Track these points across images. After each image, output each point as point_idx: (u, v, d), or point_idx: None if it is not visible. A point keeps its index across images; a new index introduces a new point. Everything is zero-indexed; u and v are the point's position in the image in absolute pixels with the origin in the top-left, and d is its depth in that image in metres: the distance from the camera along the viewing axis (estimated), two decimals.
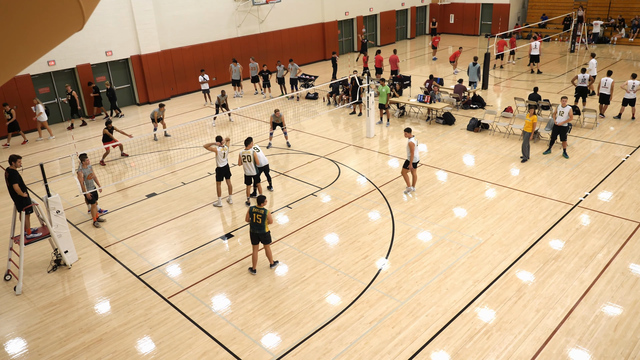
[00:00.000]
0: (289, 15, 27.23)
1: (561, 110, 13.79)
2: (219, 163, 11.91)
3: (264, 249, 9.51)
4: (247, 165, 11.83)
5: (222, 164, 11.93)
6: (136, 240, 11.00)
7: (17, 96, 18.47)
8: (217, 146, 11.79)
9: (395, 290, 8.76)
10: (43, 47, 2.02)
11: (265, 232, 9.16)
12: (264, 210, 9.01)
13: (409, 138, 11.96)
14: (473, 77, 20.16)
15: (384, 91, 17.06)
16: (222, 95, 18.11)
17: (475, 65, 20.06)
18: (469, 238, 10.26)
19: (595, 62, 18.99)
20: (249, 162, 11.79)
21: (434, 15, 36.05)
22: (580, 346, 7.26)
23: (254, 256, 9.41)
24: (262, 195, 9.11)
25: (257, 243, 9.30)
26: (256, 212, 9.03)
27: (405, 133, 12.11)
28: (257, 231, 9.15)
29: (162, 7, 22.04)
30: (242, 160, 11.84)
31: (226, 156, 11.94)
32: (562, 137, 13.90)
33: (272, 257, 9.58)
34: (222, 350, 7.65)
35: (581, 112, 16.50)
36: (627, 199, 11.47)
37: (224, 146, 11.94)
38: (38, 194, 13.40)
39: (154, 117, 17.10)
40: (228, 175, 12.16)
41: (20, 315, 8.74)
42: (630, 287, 8.47)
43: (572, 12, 30.15)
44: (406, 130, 12.11)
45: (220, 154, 11.83)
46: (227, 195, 12.48)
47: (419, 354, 7.32)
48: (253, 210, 9.05)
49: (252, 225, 9.13)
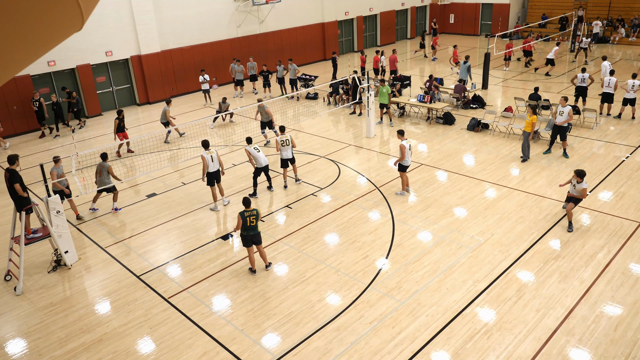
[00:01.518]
0: (289, 15, 27.23)
1: (561, 110, 13.77)
2: (210, 168, 11.75)
3: (258, 250, 9.44)
4: (283, 150, 12.68)
5: (212, 168, 11.75)
6: (136, 241, 11.00)
7: (17, 96, 18.47)
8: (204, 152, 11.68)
9: (395, 290, 8.76)
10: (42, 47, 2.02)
11: (258, 232, 9.15)
12: (255, 211, 9.00)
13: (402, 140, 11.88)
14: (463, 75, 20.25)
15: (385, 91, 17.07)
16: (224, 102, 18.07)
17: (466, 64, 20.15)
18: (469, 238, 10.26)
19: (608, 64, 18.09)
20: (287, 145, 12.69)
21: (434, 15, 36.05)
22: (580, 346, 7.26)
23: (251, 257, 9.38)
24: (246, 197, 9.10)
25: (250, 245, 9.24)
26: (249, 215, 8.96)
27: (398, 135, 12.09)
28: (251, 233, 9.09)
29: (162, 7, 22.04)
30: (282, 145, 12.63)
31: (215, 159, 11.72)
32: (562, 137, 13.89)
33: (266, 257, 9.58)
34: (222, 350, 7.65)
35: (581, 112, 16.50)
36: (627, 199, 11.47)
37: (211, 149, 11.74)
38: (38, 194, 13.40)
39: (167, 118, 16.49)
40: (218, 179, 11.97)
41: (20, 315, 8.75)
42: (631, 287, 8.47)
43: (572, 12, 30.15)
44: (399, 132, 12.10)
45: (208, 158, 11.65)
46: (221, 199, 12.40)
47: (419, 354, 7.32)
48: (245, 214, 8.95)
49: (246, 227, 9.04)
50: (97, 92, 21.05)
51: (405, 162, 11.89)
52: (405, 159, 11.84)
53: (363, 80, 17.74)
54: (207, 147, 11.77)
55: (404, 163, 11.92)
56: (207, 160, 11.64)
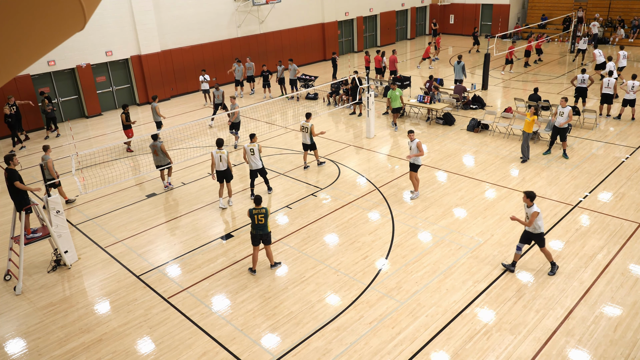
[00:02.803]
0: (289, 15, 27.24)
1: (561, 110, 13.77)
2: (218, 167, 11.84)
3: (265, 250, 9.50)
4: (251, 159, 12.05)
5: (221, 167, 11.84)
6: (136, 241, 11.00)
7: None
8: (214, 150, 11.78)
9: (395, 290, 8.76)
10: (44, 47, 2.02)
11: (267, 231, 9.17)
12: (265, 209, 9.01)
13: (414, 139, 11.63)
14: (459, 75, 20.36)
15: (397, 94, 16.60)
16: (217, 90, 18.14)
17: (460, 64, 20.26)
18: (469, 238, 10.26)
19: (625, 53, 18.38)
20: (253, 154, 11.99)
21: (434, 16, 36.07)
22: (580, 347, 7.26)
23: (255, 257, 9.41)
24: (259, 196, 9.12)
25: (258, 244, 9.29)
26: (257, 213, 9.01)
27: (409, 135, 11.75)
28: (260, 232, 9.13)
29: (162, 7, 22.04)
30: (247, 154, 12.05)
31: (224, 159, 11.78)
32: (562, 137, 13.90)
33: (272, 258, 9.58)
34: (222, 350, 7.65)
35: (581, 113, 16.51)
36: (627, 200, 11.48)
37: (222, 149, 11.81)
38: (38, 194, 13.38)
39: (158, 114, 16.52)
40: (228, 178, 12.04)
41: (20, 315, 8.74)
42: (630, 288, 8.47)
43: (572, 12, 30.15)
44: (409, 132, 11.78)
45: (217, 157, 11.75)
46: (227, 197, 12.46)
47: (419, 354, 7.32)
48: (253, 212, 9.02)
49: (255, 226, 9.10)
50: (97, 92, 21.05)
51: (419, 161, 11.76)
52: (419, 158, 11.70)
53: (363, 81, 17.73)
54: (219, 146, 11.88)
55: (419, 162, 11.75)
56: (215, 158, 11.77)
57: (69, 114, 20.46)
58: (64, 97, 20.28)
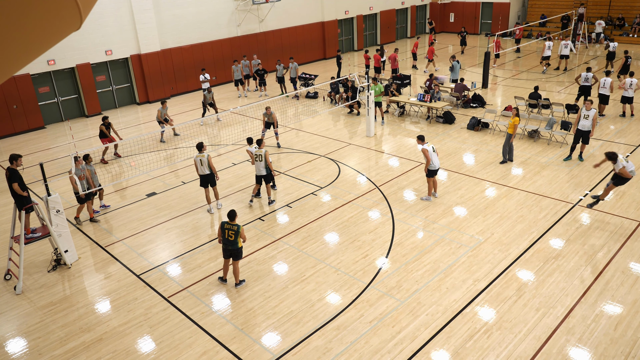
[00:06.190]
0: (289, 14, 27.21)
1: (585, 114, 12.99)
2: (200, 171, 11.61)
3: (233, 265, 9.06)
4: (258, 165, 11.78)
5: (202, 172, 11.60)
6: (136, 240, 11.00)
7: (17, 96, 18.47)
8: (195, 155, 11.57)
9: (395, 289, 8.76)
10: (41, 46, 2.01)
11: (238, 247, 8.79)
12: (236, 227, 8.63)
13: (422, 145, 11.42)
14: (456, 75, 20.64)
15: (377, 90, 17.07)
16: (209, 93, 18.19)
17: (459, 63, 20.65)
18: (469, 237, 10.25)
19: (550, 43, 18.83)
20: (260, 161, 11.72)
21: (434, 15, 36.03)
22: (580, 345, 7.26)
23: (225, 268, 9.13)
24: (233, 210, 8.73)
25: (228, 258, 8.98)
26: (228, 229, 8.65)
27: (418, 141, 11.55)
28: (229, 247, 8.78)
29: (162, 6, 22.02)
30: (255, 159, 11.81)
31: (204, 163, 11.47)
32: (584, 140, 13.26)
33: (239, 276, 9.13)
34: (222, 349, 7.65)
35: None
36: (627, 198, 11.46)
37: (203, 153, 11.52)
38: (38, 194, 13.39)
39: (160, 118, 16.69)
40: (212, 182, 11.76)
41: (20, 314, 8.75)
42: (630, 286, 8.47)
43: (572, 10, 30.11)
44: (418, 137, 11.55)
45: (197, 162, 11.51)
46: (214, 201, 12.30)
47: (419, 353, 7.32)
48: (225, 226, 8.68)
49: (225, 241, 8.77)
50: (97, 91, 21.04)
51: (432, 166, 11.42)
52: (432, 163, 11.39)
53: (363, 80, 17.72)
54: (199, 149, 11.60)
55: (431, 167, 11.47)
56: (196, 163, 11.54)
57: (69, 114, 20.45)
58: (63, 97, 20.27)
